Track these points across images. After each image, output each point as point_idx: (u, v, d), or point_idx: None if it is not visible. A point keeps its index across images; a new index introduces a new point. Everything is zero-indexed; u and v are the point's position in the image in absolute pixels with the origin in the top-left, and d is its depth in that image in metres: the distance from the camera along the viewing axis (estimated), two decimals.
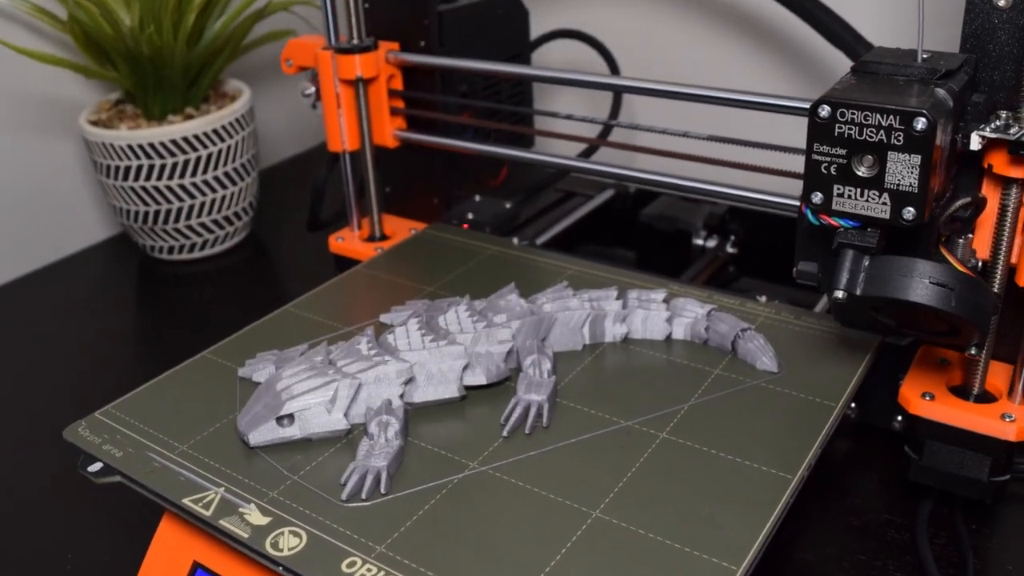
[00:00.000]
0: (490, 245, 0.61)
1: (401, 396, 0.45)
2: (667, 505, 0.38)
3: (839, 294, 0.41)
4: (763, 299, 0.53)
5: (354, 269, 0.59)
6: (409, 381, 0.45)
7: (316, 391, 0.43)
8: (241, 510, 0.38)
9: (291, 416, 0.42)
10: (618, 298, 0.51)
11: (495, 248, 0.60)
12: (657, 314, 0.50)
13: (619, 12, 0.84)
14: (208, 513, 0.38)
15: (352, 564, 0.35)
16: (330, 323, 0.53)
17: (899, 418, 0.50)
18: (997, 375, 0.48)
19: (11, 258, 0.80)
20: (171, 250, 0.80)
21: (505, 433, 0.43)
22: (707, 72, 0.80)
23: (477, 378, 0.46)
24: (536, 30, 0.75)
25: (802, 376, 0.46)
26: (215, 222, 0.79)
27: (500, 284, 0.53)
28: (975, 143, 0.41)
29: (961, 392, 0.47)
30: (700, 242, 0.67)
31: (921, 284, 0.40)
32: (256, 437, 0.42)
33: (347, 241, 0.68)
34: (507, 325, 0.48)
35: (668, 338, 0.50)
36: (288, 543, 0.36)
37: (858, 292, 0.41)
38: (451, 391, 0.45)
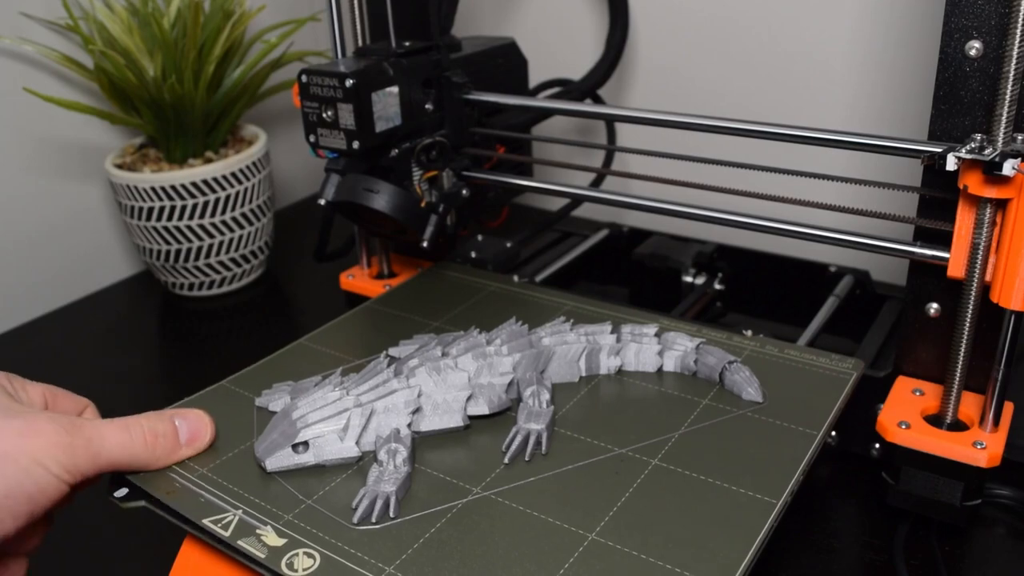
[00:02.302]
0: (491, 282, 0.63)
1: (409, 425, 0.46)
2: (659, 528, 0.39)
3: (321, 201, 0.58)
4: (748, 333, 0.54)
5: (364, 305, 0.61)
6: (416, 411, 0.47)
7: (329, 420, 0.45)
8: (258, 531, 0.40)
9: (306, 443, 0.44)
10: (612, 332, 0.53)
11: (496, 285, 0.62)
12: (649, 347, 0.52)
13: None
14: (227, 534, 0.39)
15: None
16: (341, 355, 0.54)
17: (877, 445, 0.51)
18: (969, 404, 0.49)
19: (43, 294, 0.83)
20: (191, 287, 0.82)
21: (506, 460, 0.44)
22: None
23: (480, 408, 0.48)
24: (535, 78, 0.77)
25: (785, 406, 0.47)
26: (233, 260, 0.81)
27: (502, 318, 0.55)
28: (951, 164, 0.43)
29: (935, 421, 0.49)
30: (689, 279, 0.69)
31: (358, 190, 0.57)
32: (273, 463, 0.44)
33: (357, 278, 0.70)
34: (508, 356, 0.50)
35: (659, 370, 0.51)
36: (303, 564, 0.38)
37: (330, 199, 0.58)
38: (456, 421, 0.47)
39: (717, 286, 0.69)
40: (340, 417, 0.45)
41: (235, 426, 0.48)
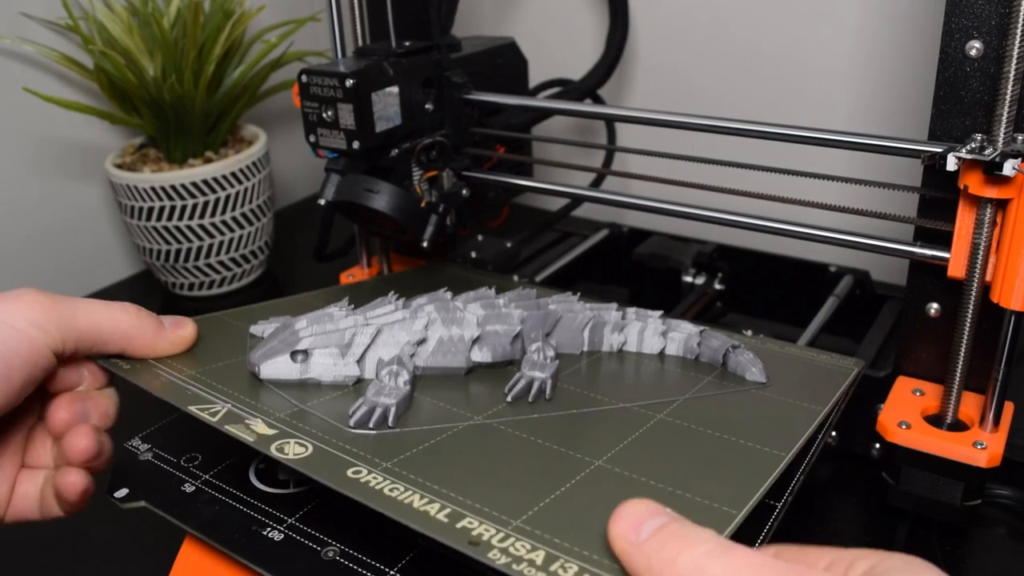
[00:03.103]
0: (490, 278, 0.63)
1: (411, 356, 0.45)
2: (668, 461, 0.38)
3: (321, 201, 0.58)
4: (748, 333, 0.54)
5: (359, 282, 0.60)
6: (421, 343, 0.46)
7: (333, 334, 0.44)
8: (247, 421, 0.39)
9: (305, 353, 0.43)
10: (618, 310, 0.52)
11: (496, 283, 0.62)
12: (653, 327, 0.51)
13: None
14: (214, 420, 0.38)
15: (358, 472, 0.36)
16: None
17: (877, 446, 0.51)
18: (969, 404, 0.49)
19: None
20: (191, 287, 0.82)
21: (509, 399, 0.43)
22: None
23: (484, 355, 0.46)
24: (535, 78, 0.77)
25: (789, 387, 0.47)
26: (232, 260, 0.81)
27: None
28: (951, 164, 0.43)
29: (935, 421, 0.49)
30: (689, 279, 0.69)
31: (358, 190, 0.56)
32: (267, 369, 0.42)
33: (357, 278, 0.70)
34: (516, 311, 0.49)
35: (662, 352, 0.51)
36: (294, 450, 0.37)
37: (330, 198, 0.57)
38: (459, 361, 0.46)
39: (717, 286, 0.69)
40: (344, 333, 0.44)
41: (227, 345, 0.47)
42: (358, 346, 0.44)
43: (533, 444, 0.40)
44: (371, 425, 0.40)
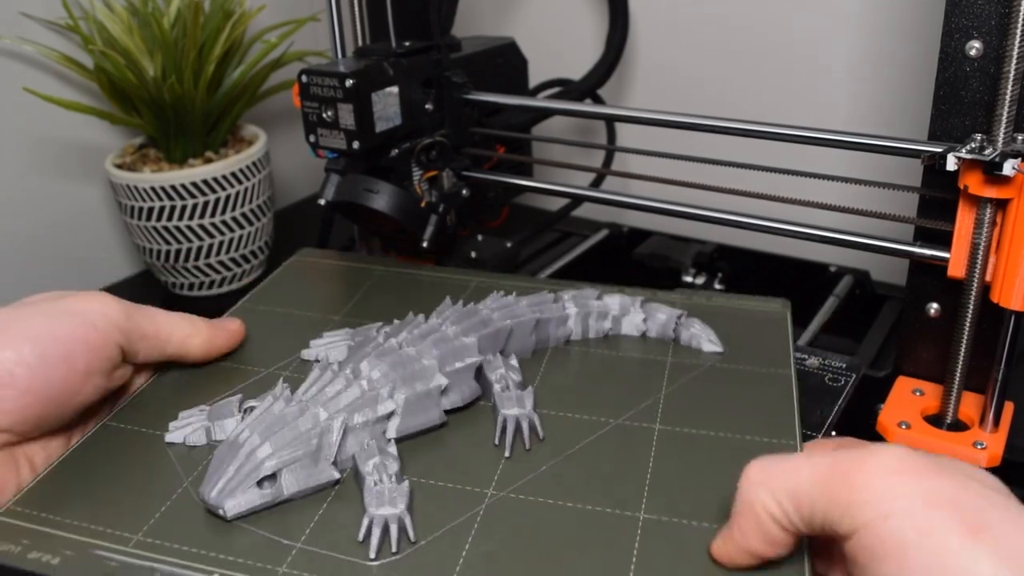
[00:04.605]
0: (375, 266, 0.59)
1: (383, 432, 0.41)
2: (701, 490, 0.37)
3: (321, 201, 0.58)
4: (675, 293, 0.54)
5: (237, 306, 0.54)
6: (391, 415, 0.41)
7: (297, 441, 0.37)
8: None
9: (272, 476, 0.37)
10: (556, 301, 0.50)
11: (381, 269, 0.58)
12: (598, 311, 0.50)
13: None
14: None
15: None
16: (245, 368, 0.47)
17: None
18: (969, 404, 0.49)
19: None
20: (191, 287, 0.82)
21: (507, 454, 0.40)
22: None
23: (454, 401, 0.43)
24: (535, 78, 0.77)
25: (744, 352, 0.47)
26: (233, 260, 0.81)
27: (401, 306, 0.51)
28: (951, 164, 0.43)
29: (935, 421, 0.49)
30: (689, 279, 0.69)
31: (358, 190, 0.56)
32: (234, 507, 0.36)
33: None
34: (470, 339, 0.45)
35: (609, 335, 0.50)
36: None
37: (330, 198, 0.57)
38: (433, 418, 0.42)
39: (717, 286, 0.70)
40: (308, 436, 0.38)
41: (149, 471, 0.39)
42: (330, 447, 0.38)
43: (566, 510, 0.37)
44: (394, 550, 0.34)
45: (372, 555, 0.34)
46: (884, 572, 0.27)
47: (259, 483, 0.36)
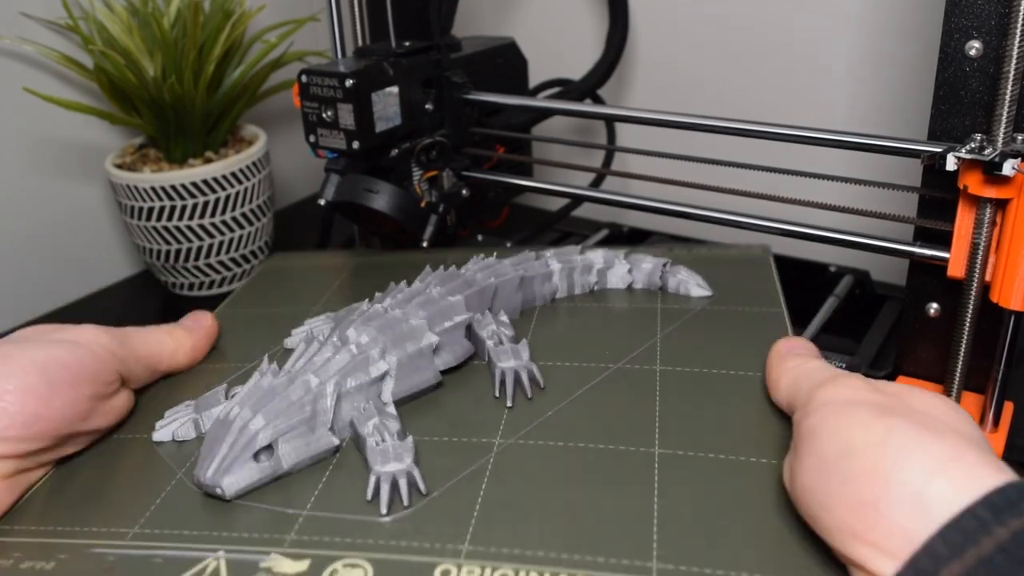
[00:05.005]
0: (349, 258, 0.59)
1: (379, 394, 0.39)
2: (713, 424, 0.37)
3: (321, 201, 0.58)
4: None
5: (217, 311, 0.54)
6: (384, 376, 0.40)
7: (290, 410, 0.36)
8: (265, 564, 0.30)
9: (269, 447, 0.35)
10: (538, 259, 0.50)
11: (356, 259, 0.59)
12: (583, 266, 0.50)
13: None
14: None
15: (447, 573, 0.30)
16: (227, 365, 0.47)
17: None
18: (969, 404, 0.49)
19: (43, 294, 0.83)
20: (191, 287, 0.82)
21: (509, 404, 0.39)
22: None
23: (447, 360, 0.42)
24: (535, 78, 0.77)
25: (733, 293, 0.48)
26: (233, 260, 0.81)
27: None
28: (951, 164, 0.43)
29: None
30: None
31: (358, 191, 0.57)
32: (233, 484, 0.34)
33: None
34: (456, 297, 0.44)
35: (594, 289, 0.50)
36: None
37: (330, 198, 0.58)
38: (428, 377, 0.41)
39: None
40: (301, 403, 0.36)
41: (140, 470, 0.38)
42: (325, 413, 0.37)
43: (579, 451, 0.36)
44: (406, 503, 0.33)
45: (384, 511, 0.33)
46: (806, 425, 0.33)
47: (255, 457, 0.35)
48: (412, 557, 0.30)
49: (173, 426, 0.40)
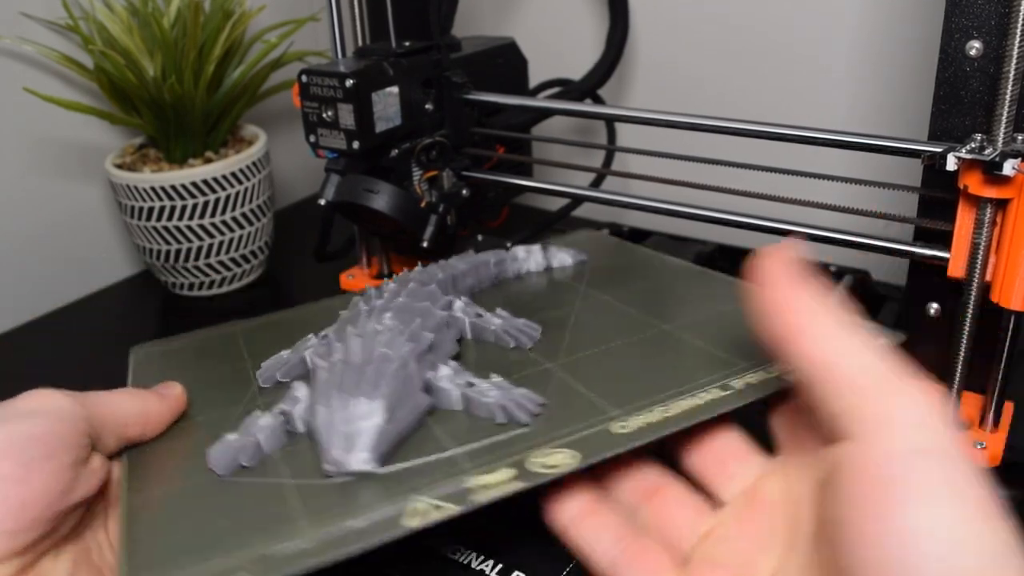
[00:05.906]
0: (226, 329, 0.57)
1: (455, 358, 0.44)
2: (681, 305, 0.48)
3: (321, 201, 0.59)
4: (508, 244, 0.64)
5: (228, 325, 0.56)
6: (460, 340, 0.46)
7: (395, 384, 0.37)
8: (467, 484, 0.31)
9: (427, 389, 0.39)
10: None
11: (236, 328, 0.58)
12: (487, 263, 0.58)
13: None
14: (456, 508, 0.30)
15: (624, 426, 0.33)
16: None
17: None
18: (969, 404, 0.49)
19: (43, 294, 0.82)
20: (191, 287, 0.82)
21: (521, 344, 0.45)
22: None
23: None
24: (535, 78, 0.77)
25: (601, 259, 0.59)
26: (233, 260, 0.81)
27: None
28: (951, 164, 0.43)
29: None
30: None
31: (358, 191, 0.57)
32: (363, 459, 0.34)
33: (357, 278, 0.70)
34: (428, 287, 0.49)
35: (518, 275, 0.60)
36: (562, 460, 0.31)
37: (330, 199, 0.59)
38: (455, 348, 0.45)
39: None
40: (400, 370, 0.38)
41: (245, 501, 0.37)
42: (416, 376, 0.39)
43: (630, 345, 0.44)
44: (535, 411, 0.37)
45: (526, 419, 0.35)
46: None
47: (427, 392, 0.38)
48: (586, 431, 0.33)
49: (278, 367, 0.45)
